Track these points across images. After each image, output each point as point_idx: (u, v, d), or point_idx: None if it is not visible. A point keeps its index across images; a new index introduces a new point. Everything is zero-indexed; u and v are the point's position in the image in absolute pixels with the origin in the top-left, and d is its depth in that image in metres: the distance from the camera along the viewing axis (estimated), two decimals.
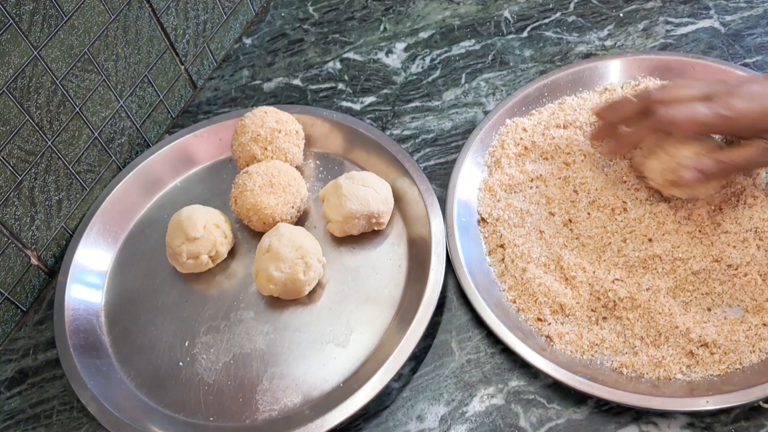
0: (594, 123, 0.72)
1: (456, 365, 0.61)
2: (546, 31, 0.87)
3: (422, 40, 0.89)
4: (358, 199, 0.66)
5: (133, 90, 0.79)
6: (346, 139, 0.77)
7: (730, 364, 0.57)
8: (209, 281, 0.70)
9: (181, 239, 0.67)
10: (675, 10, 0.85)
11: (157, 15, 0.79)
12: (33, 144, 0.67)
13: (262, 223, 0.69)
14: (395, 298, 0.66)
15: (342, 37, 0.92)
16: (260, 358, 0.64)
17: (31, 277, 0.71)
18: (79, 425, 0.63)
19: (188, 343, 0.66)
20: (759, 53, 0.79)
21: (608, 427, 0.56)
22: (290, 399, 0.61)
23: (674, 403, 0.54)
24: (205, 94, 0.89)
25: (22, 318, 0.71)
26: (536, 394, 0.59)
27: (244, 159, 0.73)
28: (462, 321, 0.64)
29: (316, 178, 0.76)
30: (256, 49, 0.93)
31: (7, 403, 0.65)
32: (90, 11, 0.70)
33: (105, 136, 0.76)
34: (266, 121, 0.73)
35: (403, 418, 0.59)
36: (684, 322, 0.58)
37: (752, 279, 0.60)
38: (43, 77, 0.67)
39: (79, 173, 0.74)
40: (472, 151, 0.73)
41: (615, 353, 0.59)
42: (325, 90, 0.86)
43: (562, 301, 0.61)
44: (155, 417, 0.61)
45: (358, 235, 0.70)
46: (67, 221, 0.74)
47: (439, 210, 0.68)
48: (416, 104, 0.82)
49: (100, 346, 0.66)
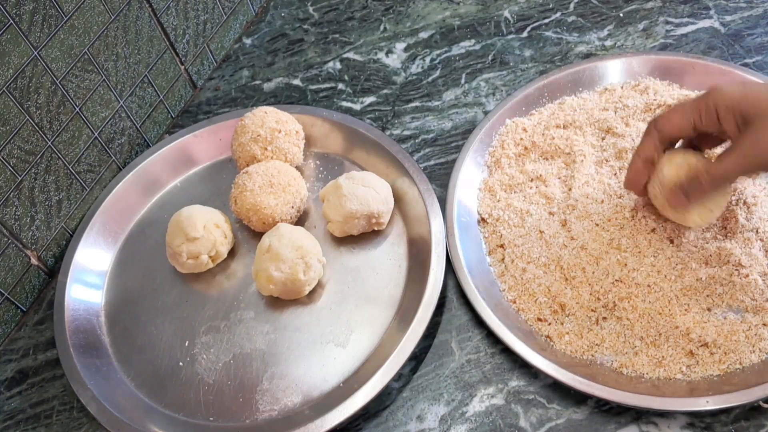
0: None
1: (456, 365, 0.61)
2: (546, 31, 0.87)
3: (422, 40, 0.89)
4: (358, 199, 0.66)
5: (133, 90, 0.79)
6: (346, 139, 0.77)
7: (730, 364, 0.57)
8: (209, 281, 0.70)
9: (181, 239, 0.67)
10: (675, 10, 0.85)
11: (157, 15, 0.79)
12: (33, 144, 0.67)
13: (262, 223, 0.69)
14: (395, 298, 0.66)
15: (342, 37, 0.92)
16: (260, 358, 0.64)
17: (31, 277, 0.71)
18: (79, 425, 0.63)
19: (188, 343, 0.66)
20: (759, 53, 0.79)
21: (608, 427, 0.56)
22: (290, 399, 0.61)
23: (674, 403, 0.54)
24: (205, 94, 0.89)
25: (22, 318, 0.71)
26: (536, 394, 0.59)
27: (244, 159, 0.73)
28: (462, 321, 0.64)
29: (316, 178, 0.76)
30: (256, 49, 0.93)
31: (7, 403, 0.65)
32: (90, 11, 0.70)
33: (105, 136, 0.76)
34: (266, 121, 0.73)
35: (403, 418, 0.59)
36: (684, 322, 0.58)
37: (752, 279, 0.60)
38: (43, 77, 0.67)
39: (79, 173, 0.74)
40: (472, 151, 0.73)
41: (615, 353, 0.59)
42: (325, 90, 0.86)
43: (562, 301, 0.61)
44: (155, 417, 0.61)
45: (358, 235, 0.70)
46: (67, 221, 0.74)
47: (439, 210, 0.68)
48: (416, 104, 0.82)
49: (100, 346, 0.66)
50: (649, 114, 0.74)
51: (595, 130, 0.73)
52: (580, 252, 0.64)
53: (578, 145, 0.71)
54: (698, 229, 0.63)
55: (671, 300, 0.60)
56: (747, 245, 0.61)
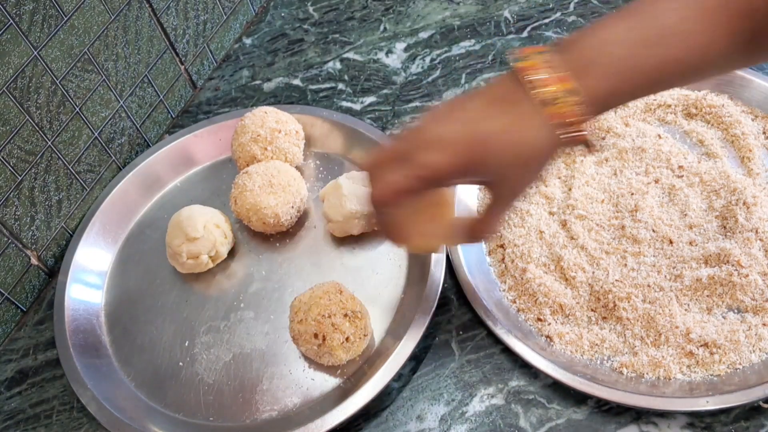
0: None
1: (456, 365, 0.61)
2: (546, 31, 0.87)
3: (422, 40, 0.89)
4: (358, 199, 0.66)
5: (133, 90, 0.79)
6: (346, 139, 0.77)
7: (730, 364, 0.57)
8: (209, 281, 0.70)
9: (181, 239, 0.67)
10: None
11: (157, 15, 0.79)
12: (33, 144, 0.67)
13: (261, 223, 0.69)
14: (395, 298, 0.66)
15: (342, 37, 0.92)
16: (260, 358, 0.64)
17: (31, 277, 0.71)
18: (79, 425, 0.63)
19: (188, 343, 0.66)
20: None
21: (608, 427, 0.56)
22: (290, 399, 0.61)
23: (674, 403, 0.54)
24: (205, 94, 0.89)
25: (22, 318, 0.71)
26: (536, 394, 0.59)
27: (244, 159, 0.73)
28: (462, 321, 0.64)
29: (316, 178, 0.76)
30: (256, 49, 0.93)
31: (7, 403, 0.65)
32: (90, 11, 0.70)
33: (105, 136, 0.76)
34: (266, 121, 0.73)
35: (403, 418, 0.59)
36: (684, 322, 0.58)
37: (752, 279, 0.60)
38: (43, 77, 0.67)
39: (79, 173, 0.74)
40: None
41: (615, 353, 0.59)
42: (325, 90, 0.86)
43: (562, 301, 0.61)
44: (155, 417, 0.61)
45: (358, 235, 0.70)
46: (67, 221, 0.74)
47: None
48: (416, 104, 0.82)
49: (100, 346, 0.66)
50: (649, 114, 0.74)
51: (595, 130, 0.73)
52: (580, 252, 0.64)
53: None
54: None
55: (671, 300, 0.60)
56: (747, 245, 0.61)
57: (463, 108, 0.47)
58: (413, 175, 0.46)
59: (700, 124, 0.72)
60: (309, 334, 0.58)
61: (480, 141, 0.45)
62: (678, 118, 0.73)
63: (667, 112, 0.74)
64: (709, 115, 0.72)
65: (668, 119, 0.73)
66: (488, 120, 0.45)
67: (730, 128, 0.71)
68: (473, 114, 0.46)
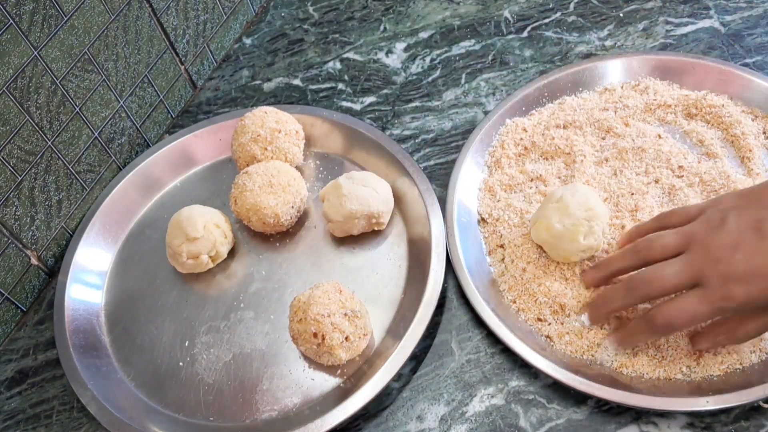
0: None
1: (456, 365, 0.61)
2: (546, 31, 0.87)
3: (422, 40, 0.89)
4: (358, 199, 0.66)
5: (133, 90, 0.79)
6: (346, 139, 0.77)
7: (730, 364, 0.57)
8: (209, 281, 0.70)
9: (181, 239, 0.67)
10: (675, 10, 0.85)
11: (157, 15, 0.79)
12: (33, 144, 0.67)
13: (261, 223, 0.69)
14: (395, 298, 0.66)
15: (342, 37, 0.92)
16: (260, 358, 0.64)
17: (31, 277, 0.71)
18: (79, 425, 0.63)
19: (188, 343, 0.66)
20: (759, 53, 0.79)
21: (608, 427, 0.56)
22: (290, 399, 0.61)
23: (674, 403, 0.54)
24: (205, 94, 0.89)
25: (22, 318, 0.71)
26: (536, 394, 0.59)
27: (244, 159, 0.73)
28: (462, 321, 0.64)
29: (316, 178, 0.76)
30: (256, 49, 0.93)
31: (7, 403, 0.65)
32: (90, 11, 0.70)
33: (105, 136, 0.76)
34: (266, 121, 0.73)
35: (403, 418, 0.59)
36: None
37: None
38: (43, 77, 0.67)
39: (79, 173, 0.74)
40: (472, 151, 0.73)
41: (615, 353, 0.59)
42: (325, 90, 0.86)
43: (562, 301, 0.61)
44: (155, 417, 0.61)
45: (358, 235, 0.70)
46: (67, 221, 0.74)
47: (439, 210, 0.68)
48: (416, 104, 0.82)
49: (100, 346, 0.66)
50: (649, 114, 0.74)
51: (595, 130, 0.73)
52: None
53: (578, 145, 0.71)
54: None
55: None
56: None
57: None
58: (717, 308, 0.48)
59: (700, 124, 0.72)
60: (308, 334, 0.58)
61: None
62: (678, 118, 0.73)
63: (667, 112, 0.74)
64: (709, 115, 0.72)
65: (668, 119, 0.73)
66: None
67: (730, 128, 0.71)
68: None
